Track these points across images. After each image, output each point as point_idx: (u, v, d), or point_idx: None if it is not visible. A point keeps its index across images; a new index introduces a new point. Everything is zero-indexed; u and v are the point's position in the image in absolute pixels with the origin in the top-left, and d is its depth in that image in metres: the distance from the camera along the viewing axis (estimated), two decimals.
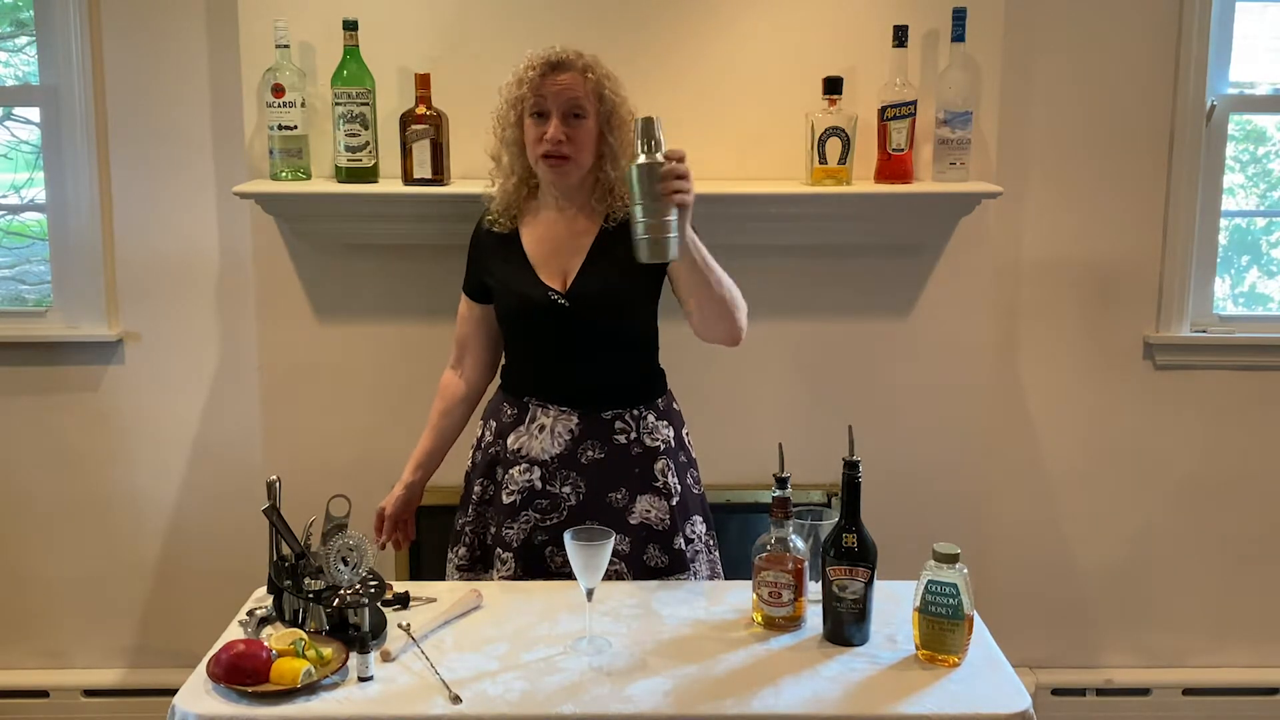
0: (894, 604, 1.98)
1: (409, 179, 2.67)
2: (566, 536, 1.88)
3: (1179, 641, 3.31)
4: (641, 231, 1.92)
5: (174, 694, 1.76)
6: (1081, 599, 3.29)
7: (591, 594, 1.88)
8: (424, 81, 2.63)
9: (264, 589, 2.03)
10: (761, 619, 1.96)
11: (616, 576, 2.20)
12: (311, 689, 1.73)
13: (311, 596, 1.90)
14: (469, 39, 2.74)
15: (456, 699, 1.72)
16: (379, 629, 1.91)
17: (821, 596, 1.92)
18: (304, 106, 2.71)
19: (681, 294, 2.17)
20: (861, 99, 2.71)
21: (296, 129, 2.70)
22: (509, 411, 2.30)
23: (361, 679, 1.77)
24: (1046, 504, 3.23)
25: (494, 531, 2.28)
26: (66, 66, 2.96)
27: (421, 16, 2.74)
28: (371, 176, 2.72)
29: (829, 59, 2.71)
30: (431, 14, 2.74)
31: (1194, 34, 2.98)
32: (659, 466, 2.25)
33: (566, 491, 2.23)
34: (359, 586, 1.90)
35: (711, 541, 2.35)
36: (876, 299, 2.92)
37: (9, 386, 3.13)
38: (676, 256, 1.95)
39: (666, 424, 2.29)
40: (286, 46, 2.68)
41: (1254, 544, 3.26)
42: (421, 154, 2.64)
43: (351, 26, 2.64)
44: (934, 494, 2.98)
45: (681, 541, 2.25)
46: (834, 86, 2.65)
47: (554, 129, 2.13)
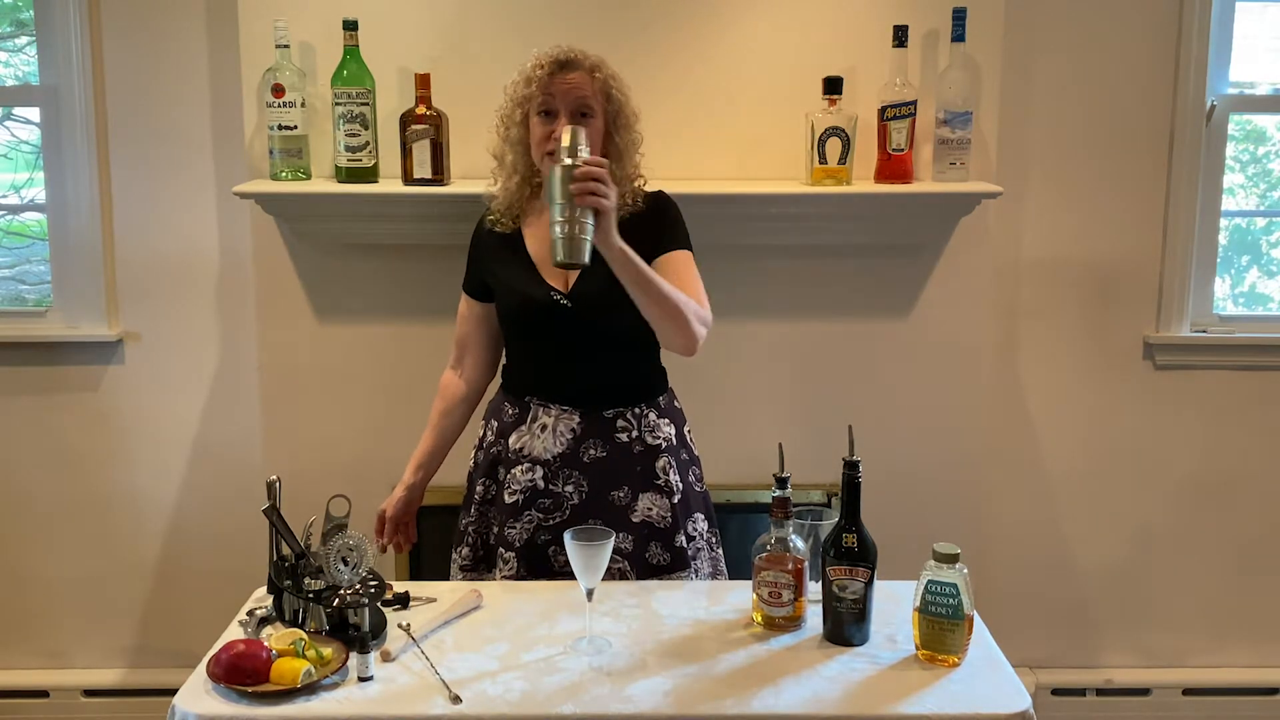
0: (894, 604, 1.98)
1: (409, 179, 2.67)
2: (566, 536, 1.88)
3: (1179, 641, 3.31)
4: (556, 232, 1.94)
5: (174, 694, 1.76)
6: (1081, 599, 3.29)
7: (591, 594, 1.88)
8: (424, 81, 2.63)
9: (264, 589, 2.03)
10: (761, 619, 1.96)
11: (619, 574, 2.21)
12: (311, 689, 1.73)
13: (311, 596, 1.90)
14: (469, 39, 2.74)
15: (456, 699, 1.72)
16: (379, 629, 1.91)
17: (821, 596, 1.92)
18: (304, 106, 2.71)
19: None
20: (861, 99, 2.71)
21: (296, 129, 2.70)
22: (510, 411, 2.30)
23: (361, 679, 1.77)
24: (1046, 504, 3.23)
25: (496, 531, 2.28)
26: (66, 66, 2.96)
27: (421, 16, 2.74)
28: (371, 176, 2.72)
29: (829, 59, 2.71)
30: (431, 14, 2.74)
31: (1194, 34, 2.98)
32: (660, 464, 2.25)
33: (569, 490, 2.23)
34: (359, 586, 1.90)
35: (714, 539, 2.35)
36: (876, 299, 2.92)
37: (9, 386, 3.13)
38: (587, 261, 1.95)
39: (668, 422, 2.29)
40: (286, 46, 2.68)
41: (1254, 544, 3.26)
42: (421, 154, 2.64)
43: (351, 26, 2.64)
44: (934, 494, 2.98)
45: (683, 539, 2.25)
46: (834, 86, 2.65)
47: (561, 128, 2.13)
